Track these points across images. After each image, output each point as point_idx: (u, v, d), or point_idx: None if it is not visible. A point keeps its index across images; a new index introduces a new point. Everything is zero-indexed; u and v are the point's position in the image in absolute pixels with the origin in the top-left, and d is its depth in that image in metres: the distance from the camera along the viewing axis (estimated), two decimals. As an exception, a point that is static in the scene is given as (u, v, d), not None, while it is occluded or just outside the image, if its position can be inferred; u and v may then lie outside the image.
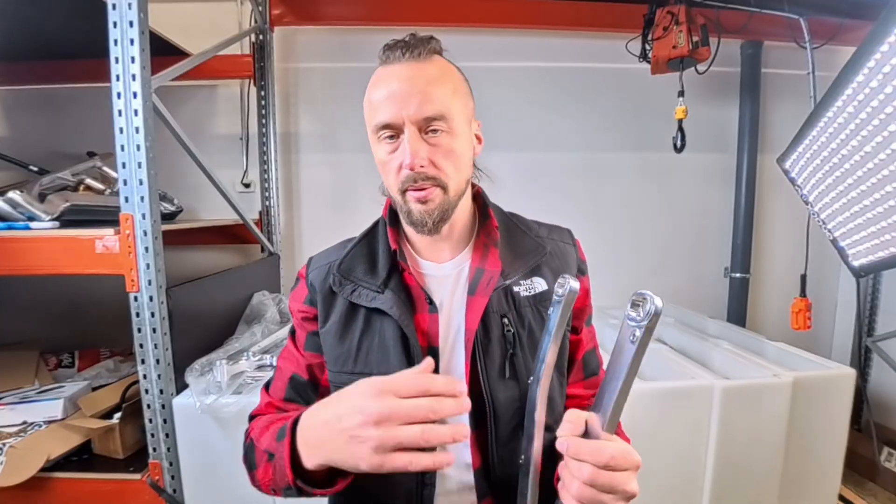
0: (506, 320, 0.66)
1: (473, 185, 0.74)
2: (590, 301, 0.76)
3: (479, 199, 0.74)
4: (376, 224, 0.76)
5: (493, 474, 0.64)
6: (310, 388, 0.73)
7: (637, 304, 0.45)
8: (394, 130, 0.62)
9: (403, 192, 0.63)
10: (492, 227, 0.71)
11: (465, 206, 0.70)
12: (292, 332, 0.76)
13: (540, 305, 0.68)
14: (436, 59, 0.64)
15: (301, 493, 0.56)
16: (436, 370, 0.64)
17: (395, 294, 0.66)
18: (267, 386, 0.76)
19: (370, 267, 0.69)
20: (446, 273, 0.70)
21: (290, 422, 0.56)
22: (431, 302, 0.67)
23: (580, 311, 0.74)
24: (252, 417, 0.74)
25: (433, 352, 0.66)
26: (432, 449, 0.46)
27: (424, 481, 0.64)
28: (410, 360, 0.64)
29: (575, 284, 0.55)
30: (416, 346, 0.63)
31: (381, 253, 0.70)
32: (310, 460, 0.53)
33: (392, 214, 0.73)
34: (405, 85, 0.60)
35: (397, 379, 0.49)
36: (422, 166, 0.61)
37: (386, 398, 0.47)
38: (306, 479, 0.55)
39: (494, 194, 0.77)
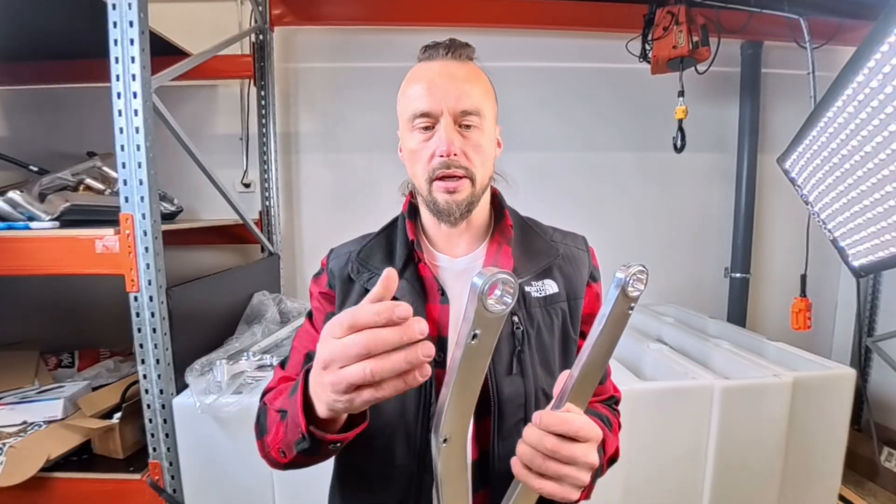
0: (515, 318, 0.67)
1: (491, 187, 0.76)
2: (599, 307, 0.77)
3: (496, 200, 0.77)
4: (395, 220, 0.79)
5: (491, 467, 0.65)
6: None
7: (638, 277, 0.44)
8: (430, 120, 0.65)
9: (431, 180, 0.66)
10: (506, 225, 0.74)
11: (484, 204, 0.73)
12: (310, 315, 0.78)
13: (550, 307, 0.70)
14: (470, 63, 0.69)
15: (314, 443, 0.52)
16: (443, 361, 0.66)
17: (409, 283, 0.68)
18: (283, 364, 0.76)
19: (387, 257, 0.72)
20: (460, 268, 0.72)
21: (304, 371, 0.53)
22: (444, 293, 0.69)
23: (589, 318, 0.75)
24: (265, 393, 0.73)
25: (441, 342, 0.67)
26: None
27: (424, 467, 0.65)
28: None
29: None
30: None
31: (398, 244, 0.73)
32: (318, 408, 0.49)
33: (411, 210, 0.76)
34: (445, 79, 0.65)
35: (353, 312, 0.42)
36: (455, 154, 0.64)
37: (327, 341, 0.43)
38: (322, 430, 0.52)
39: (510, 198, 0.79)
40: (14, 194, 1.20)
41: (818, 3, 1.84)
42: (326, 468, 0.75)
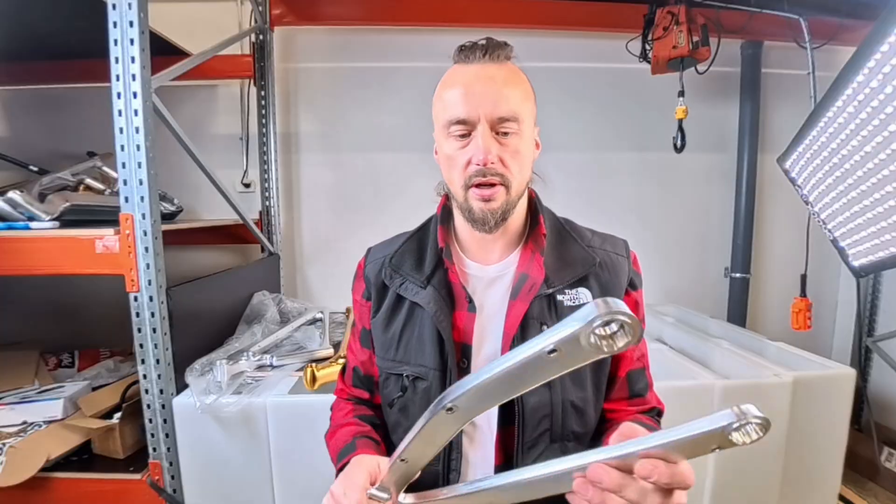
0: (545, 328, 0.66)
1: (528, 189, 0.75)
2: (640, 316, 0.75)
3: (532, 203, 0.76)
4: (429, 221, 0.79)
5: None
6: (368, 381, 0.80)
7: (750, 427, 0.38)
8: (466, 127, 0.64)
9: (468, 187, 0.65)
10: (539, 234, 0.72)
11: (520, 209, 0.72)
12: (353, 324, 0.82)
13: None
14: (509, 64, 0.67)
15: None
16: (467, 367, 0.67)
17: (437, 290, 0.69)
18: (343, 370, 0.86)
19: (417, 262, 0.73)
20: (490, 275, 0.72)
21: (338, 467, 0.71)
22: (471, 301, 0.69)
23: None
24: (337, 394, 0.88)
25: (465, 349, 0.68)
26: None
27: (450, 467, 0.67)
28: (443, 354, 0.67)
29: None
30: (450, 341, 0.66)
31: (429, 249, 0.73)
32: None
33: (444, 213, 0.76)
34: (483, 84, 0.63)
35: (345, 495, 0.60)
36: (492, 163, 0.63)
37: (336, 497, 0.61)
38: None
39: (547, 198, 0.78)
40: (14, 194, 1.20)
41: (818, 3, 1.84)
42: (326, 471, 0.76)
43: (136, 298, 1.13)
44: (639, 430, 0.48)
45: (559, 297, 0.68)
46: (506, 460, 0.66)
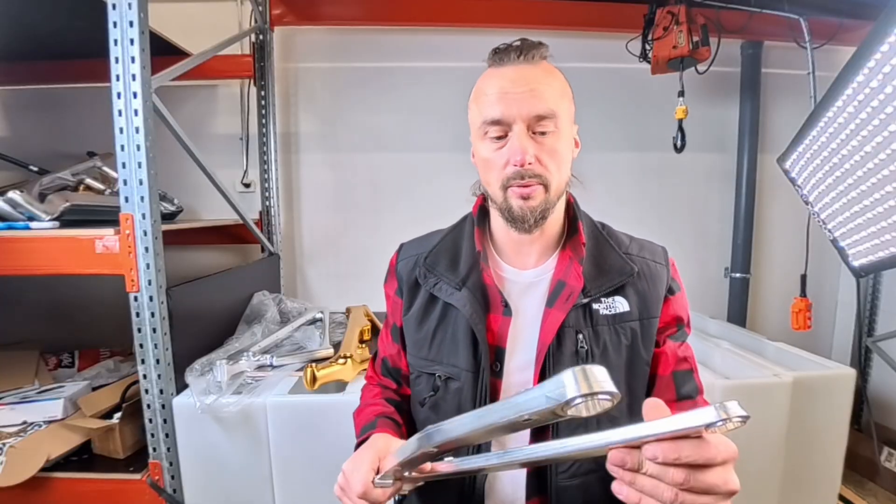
0: (581, 336, 0.66)
1: (567, 193, 0.74)
2: (686, 318, 0.74)
3: (570, 209, 0.75)
4: (464, 220, 0.78)
5: (549, 480, 0.65)
6: (396, 373, 0.82)
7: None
8: (502, 129, 0.64)
9: (506, 188, 0.65)
10: (578, 241, 0.71)
11: (558, 212, 0.71)
12: (386, 316, 0.83)
13: (619, 326, 0.68)
14: (544, 63, 0.67)
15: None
16: (500, 370, 0.67)
17: (472, 293, 0.68)
18: (374, 358, 0.88)
19: (452, 263, 0.72)
20: (526, 281, 0.71)
21: (357, 441, 0.72)
22: (506, 305, 0.68)
23: (665, 328, 0.72)
24: (368, 377, 0.90)
25: (499, 352, 0.68)
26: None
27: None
28: (476, 356, 0.67)
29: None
30: (484, 344, 0.66)
31: (464, 251, 0.73)
32: None
33: (481, 214, 0.76)
34: (517, 84, 0.63)
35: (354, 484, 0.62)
36: (529, 163, 0.62)
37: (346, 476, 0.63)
38: None
39: (585, 202, 0.78)
40: (14, 194, 1.20)
41: (818, 3, 1.84)
42: (326, 471, 0.76)
43: (136, 298, 1.13)
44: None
45: (595, 306, 0.67)
46: (536, 467, 0.66)
